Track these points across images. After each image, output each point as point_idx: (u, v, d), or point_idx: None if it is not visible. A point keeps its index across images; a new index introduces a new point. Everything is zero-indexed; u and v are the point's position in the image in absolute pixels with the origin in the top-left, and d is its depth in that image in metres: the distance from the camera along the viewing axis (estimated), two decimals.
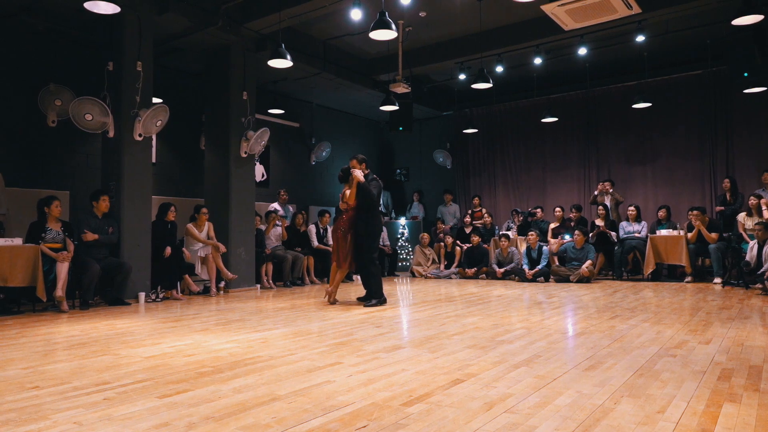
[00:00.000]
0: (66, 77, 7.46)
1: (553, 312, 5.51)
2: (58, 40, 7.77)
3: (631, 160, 10.83)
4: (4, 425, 2.26)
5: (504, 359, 3.38)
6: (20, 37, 7.45)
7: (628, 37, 8.50)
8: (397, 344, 3.92)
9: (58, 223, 6.22)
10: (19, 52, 7.41)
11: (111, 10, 5.61)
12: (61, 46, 7.79)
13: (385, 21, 6.25)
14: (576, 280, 8.57)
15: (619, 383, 2.81)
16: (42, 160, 7.61)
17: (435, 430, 2.18)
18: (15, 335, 4.45)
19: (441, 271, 10.25)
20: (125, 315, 5.63)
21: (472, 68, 9.46)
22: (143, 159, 7.16)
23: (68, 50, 7.84)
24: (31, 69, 7.44)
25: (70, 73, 7.59)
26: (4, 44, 7.30)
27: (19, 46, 7.43)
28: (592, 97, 11.14)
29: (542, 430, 2.17)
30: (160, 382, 2.92)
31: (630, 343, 3.86)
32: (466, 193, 12.66)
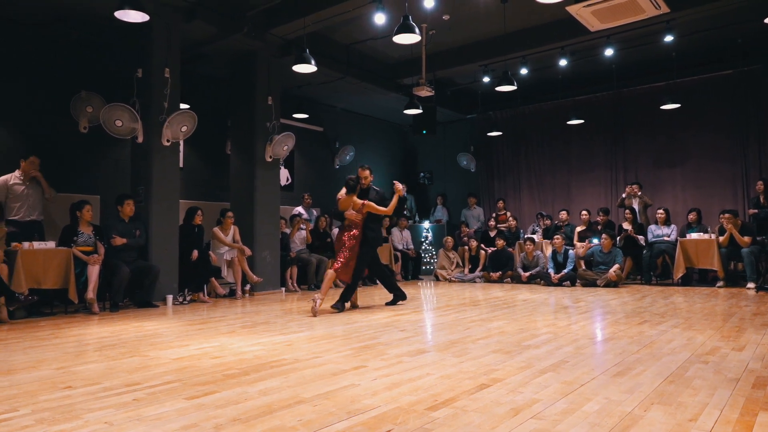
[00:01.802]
0: (97, 84, 7.64)
1: (580, 317, 5.43)
2: (90, 48, 7.97)
3: (659, 162, 10.62)
4: (40, 423, 2.32)
5: (530, 364, 3.34)
6: (54, 46, 7.66)
7: (656, 37, 8.35)
8: (422, 348, 3.91)
9: (90, 226, 6.37)
10: (52, 60, 7.62)
11: (140, 18, 5.73)
12: (92, 54, 7.98)
13: (408, 25, 6.26)
14: (603, 284, 8.43)
15: (649, 390, 2.75)
16: (74, 165, 7.80)
17: None
18: (48, 336, 4.56)
19: (465, 275, 10.19)
20: (153, 317, 5.73)
21: (496, 71, 9.40)
22: (171, 164, 7.29)
23: (99, 58, 8.03)
24: (64, 76, 7.64)
25: (101, 80, 7.77)
26: (40, 53, 7.51)
27: (53, 54, 7.64)
28: (619, 98, 10.97)
29: None
30: (187, 384, 2.96)
31: (660, 349, 3.78)
32: (490, 197, 12.57)
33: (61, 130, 7.54)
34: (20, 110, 7.38)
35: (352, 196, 6.13)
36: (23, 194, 6.39)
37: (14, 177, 6.38)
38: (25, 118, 7.41)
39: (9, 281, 5.42)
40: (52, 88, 7.56)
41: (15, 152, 6.58)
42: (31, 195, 6.44)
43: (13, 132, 7.34)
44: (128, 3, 5.55)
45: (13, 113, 7.34)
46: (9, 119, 7.32)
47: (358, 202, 6.10)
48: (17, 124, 7.38)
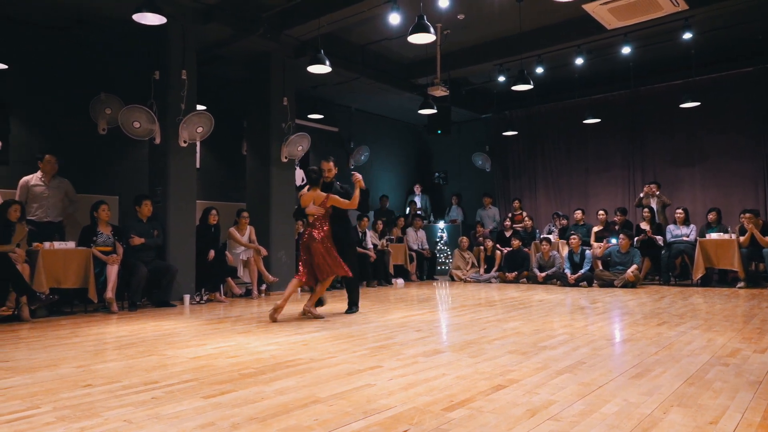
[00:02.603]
0: (115, 86, 7.74)
1: (597, 317, 5.38)
2: (108, 51, 8.08)
3: (678, 161, 10.48)
4: (61, 421, 2.36)
5: (547, 365, 3.32)
6: (73, 49, 7.78)
7: (675, 34, 8.24)
8: (437, 348, 3.90)
9: (108, 227, 6.45)
10: (72, 63, 7.75)
11: (158, 21, 5.79)
12: (111, 57, 8.10)
13: (423, 24, 6.25)
14: (621, 285, 8.35)
15: (669, 392, 2.72)
16: (93, 166, 7.91)
17: None
18: (68, 335, 4.63)
19: (481, 275, 10.15)
20: (171, 316, 5.79)
21: (512, 70, 9.35)
22: (188, 164, 7.36)
23: (117, 60, 8.14)
24: (83, 79, 7.75)
25: (119, 82, 7.88)
26: (60, 56, 7.64)
27: (73, 57, 7.76)
28: (636, 96, 10.84)
29: None
30: (205, 383, 2.98)
31: (679, 350, 3.73)
32: (505, 197, 12.51)
33: (81, 132, 7.66)
34: (40, 112, 7.51)
35: (316, 190, 5.58)
36: (43, 195, 6.49)
37: (35, 178, 6.49)
38: (45, 120, 7.54)
39: (30, 281, 5.51)
40: (71, 91, 7.68)
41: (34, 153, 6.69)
42: (51, 196, 6.54)
43: (34, 133, 7.47)
44: (146, 6, 5.62)
45: (33, 115, 7.47)
46: (29, 121, 7.45)
47: (321, 195, 5.56)
48: (38, 126, 7.51)
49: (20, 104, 7.37)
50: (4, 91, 7.21)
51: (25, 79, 7.35)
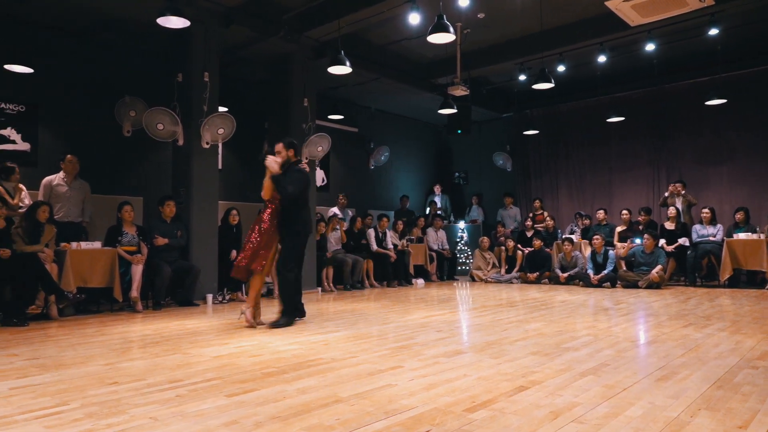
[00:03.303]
0: (139, 89, 7.87)
1: (621, 319, 5.30)
2: (133, 54, 8.22)
3: (704, 159, 10.28)
4: (89, 417, 2.41)
5: (570, 367, 3.28)
6: (99, 53, 7.93)
7: (700, 30, 8.08)
8: (458, 349, 3.89)
9: (133, 227, 6.56)
10: (97, 67, 7.90)
11: (181, 24, 5.87)
12: (135, 60, 8.24)
13: (443, 24, 6.23)
14: (645, 285, 8.21)
15: (696, 395, 2.67)
16: (118, 168, 8.06)
17: None
18: (95, 333, 4.72)
19: (502, 275, 10.08)
20: (194, 315, 5.86)
21: (533, 68, 9.27)
22: (210, 165, 7.45)
23: (141, 63, 8.28)
24: (108, 82, 7.90)
25: (143, 84, 8.01)
26: (85, 59, 7.79)
27: (98, 60, 7.91)
28: (661, 94, 10.66)
29: None
30: (228, 381, 3.02)
31: (706, 353, 3.65)
32: (526, 196, 12.40)
33: (106, 134, 7.80)
34: (67, 115, 7.68)
35: (267, 173, 5.08)
36: (65, 195, 6.61)
37: (58, 178, 6.61)
38: (71, 123, 7.70)
39: (58, 280, 5.63)
40: (97, 93, 7.82)
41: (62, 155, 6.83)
42: (72, 197, 6.66)
43: (60, 136, 7.63)
44: (170, 9, 5.70)
45: (60, 118, 7.63)
46: (56, 123, 7.62)
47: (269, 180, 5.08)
48: (64, 128, 7.67)
49: (47, 107, 7.54)
50: (32, 94, 7.38)
51: (52, 83, 7.51)
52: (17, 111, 7.28)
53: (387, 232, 9.66)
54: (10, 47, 6.91)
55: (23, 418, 2.40)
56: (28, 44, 7.20)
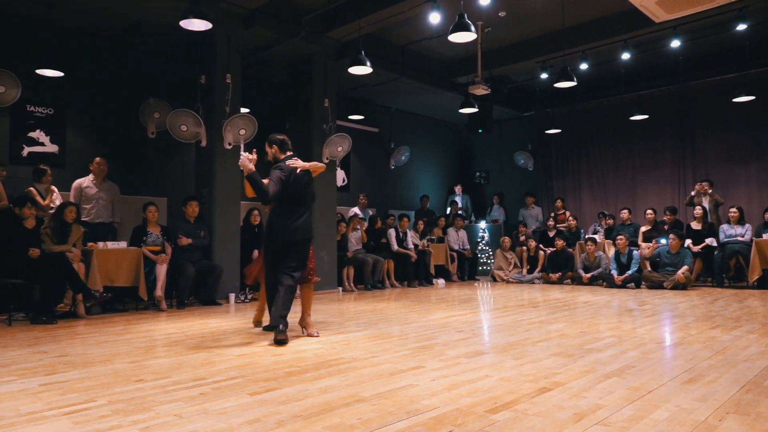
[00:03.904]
0: (163, 91, 7.99)
1: (646, 320, 5.22)
2: (156, 57, 8.35)
3: (731, 158, 10.05)
4: (116, 414, 2.45)
5: (593, 368, 3.24)
6: (124, 56, 8.07)
7: (728, 25, 7.91)
8: (480, 350, 3.87)
9: (158, 227, 6.67)
10: (123, 70, 8.04)
11: (203, 26, 5.95)
12: (158, 63, 8.37)
13: (463, 23, 6.20)
14: (671, 286, 8.07)
15: (724, 398, 2.61)
16: (143, 169, 8.19)
17: None
18: (121, 331, 4.81)
19: (523, 275, 10.00)
20: (217, 315, 5.93)
21: (555, 67, 9.17)
22: (232, 166, 7.52)
23: (165, 66, 8.40)
24: (133, 85, 8.04)
25: (167, 87, 8.13)
26: (111, 63, 7.94)
27: (123, 64, 8.06)
28: (686, 91, 10.46)
29: None
30: (250, 380, 3.05)
31: (735, 355, 3.57)
32: (548, 196, 12.28)
33: (131, 136, 7.94)
34: (93, 117, 7.83)
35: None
36: (95, 197, 6.75)
37: (87, 180, 6.76)
38: (98, 125, 7.85)
39: (86, 279, 5.75)
40: (122, 96, 7.97)
41: (88, 157, 6.97)
42: (102, 198, 6.79)
43: (87, 138, 7.79)
44: (192, 12, 5.78)
45: (86, 120, 7.79)
46: (83, 126, 7.78)
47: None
48: (91, 131, 7.83)
49: (75, 110, 7.70)
50: (61, 97, 7.55)
51: (78, 86, 7.67)
52: (46, 114, 7.45)
53: (408, 232, 9.65)
54: (40, 52, 7.07)
55: (52, 414, 2.46)
56: (57, 49, 7.36)
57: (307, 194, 4.61)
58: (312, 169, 4.63)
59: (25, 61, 7.00)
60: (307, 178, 4.59)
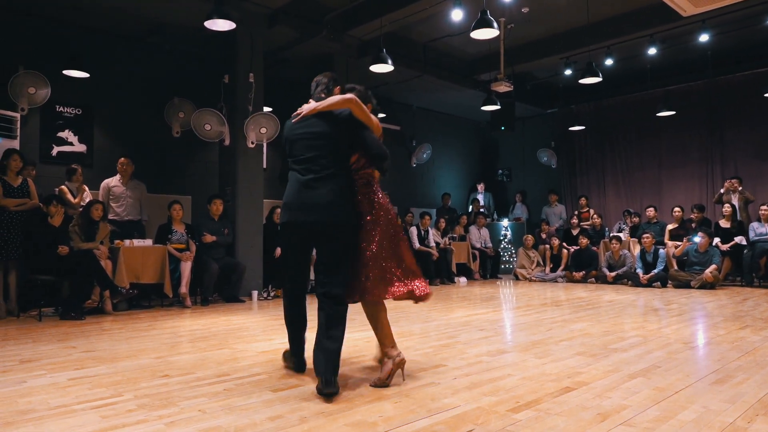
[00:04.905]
0: (187, 91, 8.10)
1: (673, 320, 5.12)
2: (181, 57, 8.47)
3: (762, 154, 9.80)
4: (142, 408, 2.50)
5: (618, 368, 3.19)
6: (149, 57, 8.20)
7: (758, 19, 7.72)
8: (502, 348, 3.84)
9: (182, 225, 6.77)
10: (148, 70, 8.17)
11: (227, 26, 6.01)
12: (183, 63, 8.48)
13: (486, 20, 6.16)
14: (698, 286, 7.90)
15: (753, 400, 2.55)
16: (168, 167, 8.32)
17: None
18: (147, 327, 4.90)
19: (546, 274, 9.90)
20: (240, 311, 6.00)
21: (579, 63, 9.04)
22: (255, 165, 7.61)
23: (189, 66, 8.51)
24: (158, 85, 8.16)
25: (192, 86, 8.23)
26: (136, 64, 8.08)
27: (148, 64, 8.19)
28: (715, 86, 10.22)
29: None
30: (273, 377, 3.07)
31: (765, 356, 3.49)
32: (572, 194, 12.13)
33: (156, 135, 8.07)
34: (120, 117, 7.97)
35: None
36: (122, 196, 6.88)
37: (114, 180, 6.89)
38: (124, 125, 8.00)
39: (113, 276, 5.87)
40: (147, 96, 8.10)
41: (115, 156, 7.10)
42: (129, 196, 6.92)
43: (114, 137, 7.94)
44: (216, 12, 5.85)
45: (113, 120, 7.94)
46: (110, 125, 7.93)
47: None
48: (117, 130, 7.97)
49: (102, 110, 7.85)
50: (88, 97, 7.70)
51: (105, 86, 7.82)
52: (74, 114, 7.62)
53: (429, 230, 9.63)
54: (67, 53, 7.22)
55: (81, 408, 2.51)
56: (84, 50, 7.52)
57: (331, 149, 2.90)
58: (327, 109, 2.91)
59: (53, 62, 7.16)
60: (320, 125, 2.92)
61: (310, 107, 2.95)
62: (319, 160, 2.89)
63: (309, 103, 3.02)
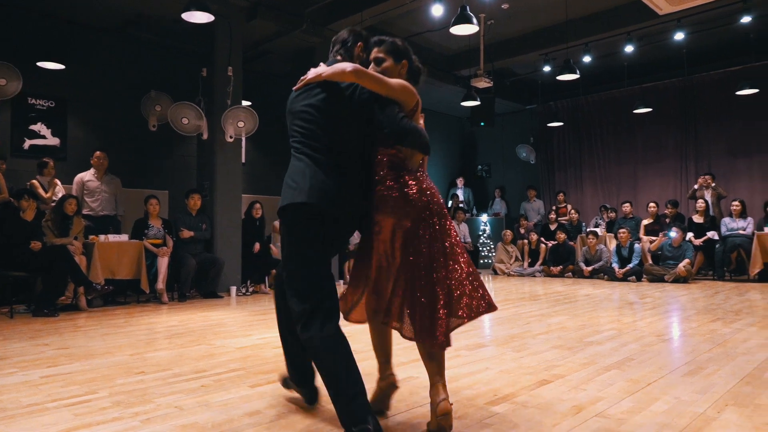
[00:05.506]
0: (165, 84, 7.98)
1: (647, 313, 5.22)
2: (158, 49, 8.33)
3: (734, 151, 10.02)
4: (117, 406, 2.46)
5: (593, 361, 3.24)
6: (126, 49, 8.06)
7: (732, 18, 7.87)
8: (480, 342, 3.87)
9: (159, 220, 6.68)
10: (124, 63, 8.03)
11: (205, 19, 5.93)
12: (160, 55, 8.35)
13: (466, 15, 6.18)
14: (672, 279, 8.06)
15: (723, 391, 2.61)
16: (145, 162, 8.19)
17: (521, 431, 2.13)
18: (122, 324, 4.83)
19: (524, 269, 10.00)
20: (218, 307, 5.94)
21: (558, 59, 9.14)
22: (234, 159, 7.53)
23: (167, 59, 8.39)
24: (135, 77, 8.03)
25: (168, 79, 8.11)
26: (112, 56, 7.93)
27: (125, 56, 8.05)
28: (690, 84, 10.41)
29: None
30: (251, 372, 3.06)
31: (734, 348, 3.57)
32: (550, 189, 12.26)
33: (133, 129, 7.94)
34: (95, 110, 7.83)
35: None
36: (97, 190, 6.75)
37: (89, 174, 6.76)
38: (99, 118, 7.85)
39: (87, 272, 5.76)
40: (123, 89, 7.96)
41: (90, 149, 6.97)
42: (104, 191, 6.80)
43: (89, 130, 7.79)
44: (194, 4, 5.76)
45: (87, 113, 7.79)
46: (85, 118, 7.77)
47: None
48: (92, 123, 7.83)
49: (76, 102, 7.69)
50: (62, 90, 7.54)
51: (80, 78, 7.66)
52: (47, 106, 7.45)
53: None
54: (42, 45, 7.06)
55: (53, 406, 2.47)
56: (59, 41, 7.35)
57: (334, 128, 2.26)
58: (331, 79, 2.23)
59: (27, 53, 7.00)
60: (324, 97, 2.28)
61: (315, 71, 2.29)
62: (322, 139, 2.25)
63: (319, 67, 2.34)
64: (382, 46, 2.43)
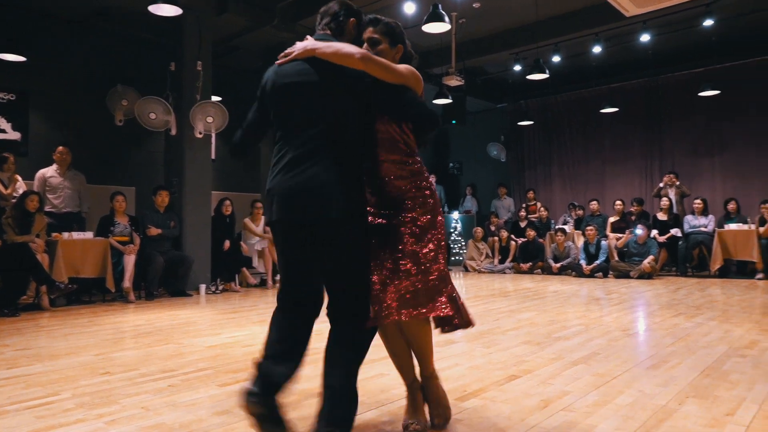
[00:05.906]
0: (131, 78, 7.80)
1: (613, 308, 5.34)
2: (125, 42, 8.14)
3: (697, 150, 10.31)
4: (80, 407, 2.41)
5: (561, 356, 3.30)
6: (91, 41, 7.85)
7: (695, 21, 8.08)
8: (450, 338, 3.90)
9: (125, 217, 6.54)
10: (90, 55, 7.82)
11: (173, 12, 5.82)
12: (127, 49, 8.16)
13: (438, 14, 6.21)
14: (637, 276, 8.26)
15: (684, 383, 2.69)
16: (111, 157, 8.00)
17: (490, 425, 2.16)
18: (87, 323, 4.71)
19: (495, 265, 10.12)
20: (187, 306, 5.85)
21: (528, 59, 9.25)
22: (203, 155, 7.42)
23: (134, 52, 8.20)
24: (101, 71, 7.83)
25: (136, 74, 7.93)
26: (77, 48, 7.72)
27: (90, 49, 7.84)
28: (655, 85, 10.67)
29: (602, 429, 2.11)
30: (220, 371, 3.02)
31: (695, 342, 3.69)
32: (520, 187, 12.42)
33: (98, 124, 7.74)
34: (58, 104, 7.61)
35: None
36: (60, 186, 6.57)
37: (51, 170, 6.57)
38: (63, 112, 7.63)
39: (50, 270, 5.61)
40: (88, 82, 7.76)
41: (52, 144, 6.78)
42: (67, 187, 6.62)
43: (51, 125, 7.57)
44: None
45: (50, 107, 7.57)
46: (47, 112, 7.55)
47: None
48: (55, 118, 7.60)
49: (38, 96, 7.46)
50: (23, 82, 7.31)
51: (42, 71, 7.44)
52: (7, 100, 7.22)
53: None
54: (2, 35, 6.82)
55: (14, 409, 2.40)
56: (20, 32, 7.12)
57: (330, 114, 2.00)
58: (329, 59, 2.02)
59: None
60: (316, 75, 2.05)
61: (305, 45, 2.07)
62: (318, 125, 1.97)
63: (306, 41, 2.12)
64: (378, 26, 2.25)
